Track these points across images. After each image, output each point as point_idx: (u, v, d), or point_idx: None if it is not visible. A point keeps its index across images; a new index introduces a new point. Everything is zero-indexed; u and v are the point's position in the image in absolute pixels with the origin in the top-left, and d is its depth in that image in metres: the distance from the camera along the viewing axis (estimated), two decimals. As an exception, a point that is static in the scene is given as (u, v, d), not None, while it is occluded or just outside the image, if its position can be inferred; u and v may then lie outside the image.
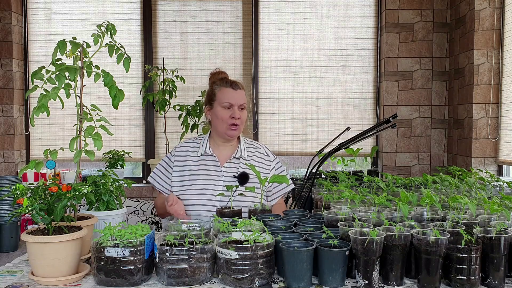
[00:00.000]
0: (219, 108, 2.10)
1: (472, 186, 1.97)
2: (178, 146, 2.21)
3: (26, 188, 1.40)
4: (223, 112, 2.09)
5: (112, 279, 1.30)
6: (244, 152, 2.16)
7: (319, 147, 3.14)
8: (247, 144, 2.22)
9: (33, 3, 4.34)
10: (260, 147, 2.25)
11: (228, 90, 2.11)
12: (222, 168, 2.11)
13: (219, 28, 4.34)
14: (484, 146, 3.59)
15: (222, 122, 2.09)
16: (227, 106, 2.09)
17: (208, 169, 2.12)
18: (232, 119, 2.08)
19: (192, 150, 2.17)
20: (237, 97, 2.10)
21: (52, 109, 1.60)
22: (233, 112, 2.08)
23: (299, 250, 1.28)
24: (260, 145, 2.27)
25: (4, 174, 3.96)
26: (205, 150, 2.14)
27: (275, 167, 2.24)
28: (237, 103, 2.09)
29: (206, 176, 2.10)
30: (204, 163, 2.14)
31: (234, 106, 2.09)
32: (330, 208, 1.73)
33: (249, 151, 2.20)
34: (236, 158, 2.14)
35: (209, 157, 2.14)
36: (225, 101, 2.09)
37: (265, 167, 2.20)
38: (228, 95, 2.10)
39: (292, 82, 4.35)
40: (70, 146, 1.57)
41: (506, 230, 1.33)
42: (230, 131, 2.09)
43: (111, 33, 1.70)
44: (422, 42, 4.15)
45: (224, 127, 2.09)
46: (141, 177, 4.44)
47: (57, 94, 1.56)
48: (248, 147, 2.21)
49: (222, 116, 2.08)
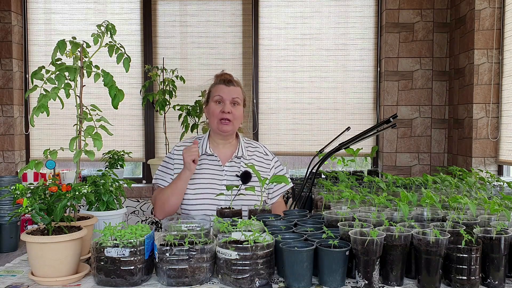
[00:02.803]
0: (212, 103, 2.11)
1: (472, 186, 1.96)
2: (177, 146, 2.20)
3: (26, 188, 1.40)
4: (214, 107, 2.10)
5: (112, 279, 1.30)
6: (244, 151, 2.16)
7: (319, 147, 3.14)
8: (246, 143, 2.23)
9: (33, 3, 4.33)
10: (259, 147, 2.25)
11: (220, 86, 2.12)
12: (224, 167, 2.12)
13: (219, 28, 4.33)
14: (484, 146, 3.59)
15: (213, 117, 2.09)
16: (218, 100, 2.09)
17: (210, 169, 2.12)
18: (222, 114, 2.07)
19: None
20: (228, 91, 2.10)
21: (52, 109, 1.60)
22: (223, 106, 2.08)
23: (299, 250, 1.28)
24: (258, 144, 2.27)
25: (4, 174, 3.96)
26: (205, 150, 2.14)
27: (274, 165, 2.24)
28: (228, 97, 2.09)
29: (209, 175, 2.10)
30: (205, 162, 2.14)
31: (225, 100, 2.09)
32: (330, 208, 1.73)
33: (249, 151, 2.20)
34: (237, 157, 2.15)
35: (210, 157, 2.14)
36: (216, 95, 2.10)
37: (265, 165, 2.20)
38: (219, 90, 2.11)
39: (292, 82, 4.35)
40: (70, 146, 1.56)
41: (506, 230, 1.33)
42: (222, 125, 2.08)
43: (111, 33, 1.70)
44: (422, 42, 4.15)
45: (215, 122, 2.09)
46: (141, 177, 4.44)
47: (57, 94, 1.56)
48: (247, 147, 2.22)
49: (213, 110, 2.09)
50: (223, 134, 2.13)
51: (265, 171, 2.18)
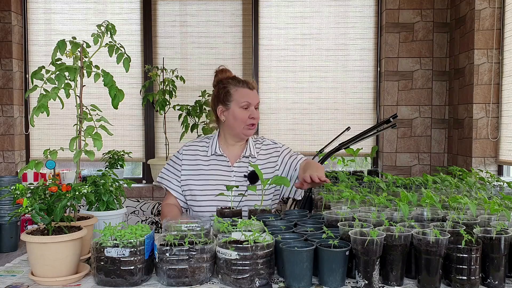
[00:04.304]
0: (238, 108, 2.09)
1: (472, 186, 1.96)
2: (186, 146, 2.20)
3: (26, 188, 1.40)
4: (242, 112, 2.09)
5: (112, 279, 1.30)
6: (253, 150, 2.17)
7: (319, 147, 3.14)
8: (254, 141, 2.23)
9: (33, 3, 4.33)
10: (266, 139, 2.27)
11: (245, 90, 2.12)
12: (233, 168, 2.12)
13: (219, 28, 4.33)
14: (484, 146, 3.59)
15: (241, 122, 2.09)
16: (245, 106, 2.10)
17: (219, 169, 2.13)
18: (251, 119, 2.10)
19: (202, 150, 2.17)
20: (253, 96, 2.12)
21: (52, 109, 1.60)
22: (251, 112, 2.10)
23: (299, 250, 1.28)
24: (265, 138, 2.29)
25: (4, 174, 3.96)
26: (215, 150, 2.14)
27: (283, 151, 2.23)
28: (254, 102, 2.11)
29: (217, 176, 2.11)
30: (214, 163, 2.14)
31: (252, 105, 2.11)
32: (330, 208, 1.73)
33: (256, 147, 2.21)
34: (245, 157, 2.15)
35: (219, 157, 2.15)
36: (244, 101, 2.09)
37: (274, 155, 2.20)
38: (246, 95, 2.10)
39: (292, 82, 4.35)
40: (70, 146, 1.56)
41: (506, 230, 1.33)
42: (248, 130, 2.11)
43: (111, 33, 1.70)
44: (422, 42, 4.15)
45: (242, 127, 2.10)
46: (141, 177, 4.44)
47: (57, 94, 1.56)
48: (256, 142, 2.23)
49: (242, 116, 2.09)
50: (246, 137, 2.16)
51: (274, 161, 2.19)
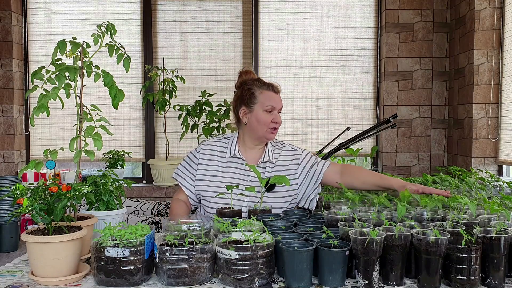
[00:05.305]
0: (261, 112, 2.08)
1: (472, 186, 1.97)
2: (204, 144, 2.17)
3: (26, 188, 1.40)
4: (265, 116, 2.08)
5: (112, 279, 1.30)
6: (271, 156, 2.13)
7: (319, 147, 3.14)
8: (273, 146, 2.20)
9: (33, 3, 4.33)
10: (285, 144, 2.23)
11: (270, 93, 2.11)
12: (250, 172, 2.09)
13: (219, 28, 4.33)
14: (484, 146, 3.59)
15: (263, 125, 2.08)
16: (270, 109, 2.09)
17: (236, 172, 2.10)
18: (274, 123, 2.09)
19: (219, 150, 2.14)
20: (278, 100, 2.12)
21: (52, 109, 1.60)
22: (274, 116, 2.09)
23: (299, 250, 1.28)
24: (284, 143, 2.25)
25: (4, 174, 3.96)
26: (234, 153, 2.11)
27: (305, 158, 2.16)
28: (278, 107, 2.11)
29: (233, 179, 2.07)
30: (232, 165, 2.11)
31: (275, 109, 2.10)
32: (330, 208, 1.73)
33: (275, 152, 2.16)
34: (263, 162, 2.12)
35: (237, 160, 2.11)
36: (268, 104, 2.08)
37: (294, 162, 2.14)
38: (272, 98, 2.10)
39: (292, 82, 4.35)
40: (70, 146, 1.57)
41: (506, 230, 1.33)
42: (270, 134, 2.10)
43: (111, 33, 1.70)
44: (422, 42, 4.15)
45: (264, 131, 2.08)
46: (141, 177, 4.44)
47: (57, 94, 1.56)
48: (275, 148, 2.19)
49: (265, 120, 2.07)
50: (267, 141, 2.14)
51: (294, 169, 2.12)
